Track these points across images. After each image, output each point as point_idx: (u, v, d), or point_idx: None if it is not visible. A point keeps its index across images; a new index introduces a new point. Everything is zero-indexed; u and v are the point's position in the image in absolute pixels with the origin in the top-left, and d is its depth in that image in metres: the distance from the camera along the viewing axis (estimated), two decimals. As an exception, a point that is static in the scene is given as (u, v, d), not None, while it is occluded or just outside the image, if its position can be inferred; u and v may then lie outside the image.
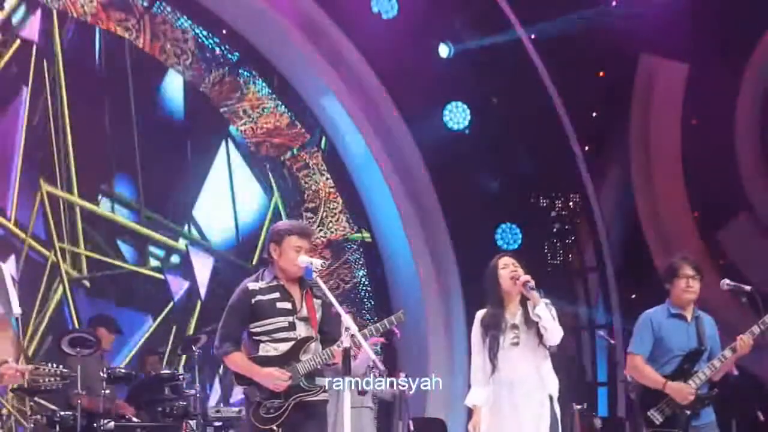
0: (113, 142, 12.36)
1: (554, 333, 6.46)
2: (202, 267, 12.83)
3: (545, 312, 6.45)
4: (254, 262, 12.70)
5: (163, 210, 12.61)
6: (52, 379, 5.83)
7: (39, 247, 11.83)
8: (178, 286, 12.67)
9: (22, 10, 11.96)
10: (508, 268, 6.58)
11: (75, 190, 12.03)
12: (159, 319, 12.37)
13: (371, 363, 8.97)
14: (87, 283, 12.02)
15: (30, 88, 11.89)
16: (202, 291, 12.73)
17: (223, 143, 13.31)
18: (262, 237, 12.75)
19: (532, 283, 6.47)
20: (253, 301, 6.29)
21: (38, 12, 12.01)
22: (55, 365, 5.92)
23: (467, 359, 10.13)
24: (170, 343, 11.99)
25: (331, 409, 6.71)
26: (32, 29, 12.01)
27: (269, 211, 13.40)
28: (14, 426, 11.01)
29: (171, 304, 12.50)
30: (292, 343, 6.25)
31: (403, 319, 6.60)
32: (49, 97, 11.95)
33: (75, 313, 11.89)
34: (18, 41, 11.87)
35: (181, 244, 12.71)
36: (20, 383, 5.90)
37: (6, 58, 11.77)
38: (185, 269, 12.73)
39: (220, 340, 6.35)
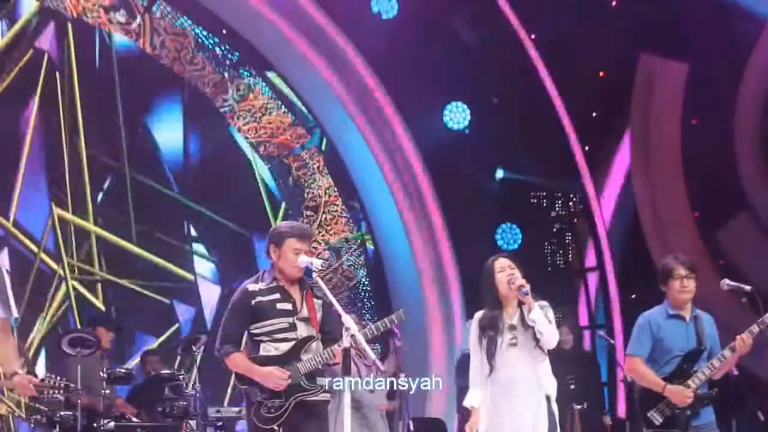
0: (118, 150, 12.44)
1: (550, 337, 6.45)
2: (210, 297, 12.87)
3: (540, 316, 6.44)
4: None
5: (163, 213, 12.66)
6: (56, 391, 5.96)
7: (48, 260, 11.92)
8: (185, 314, 12.73)
9: (34, 19, 12.04)
10: (504, 272, 6.56)
11: (90, 217, 12.19)
12: (162, 338, 12.42)
13: (371, 363, 9.00)
14: (102, 306, 12.11)
15: (39, 98, 11.98)
16: (209, 322, 12.75)
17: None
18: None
19: (527, 288, 6.45)
20: (253, 302, 6.27)
21: (51, 23, 12.15)
22: (58, 378, 6.04)
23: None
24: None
25: (333, 409, 6.70)
26: (44, 38, 12.09)
27: (269, 211, 13.43)
28: (14, 425, 11.01)
29: (176, 325, 12.53)
30: (293, 343, 6.24)
31: (404, 318, 6.58)
32: (61, 107, 12.03)
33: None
34: (30, 51, 11.97)
35: (190, 274, 12.75)
36: (32, 394, 6.00)
37: (17, 67, 11.89)
38: (193, 298, 12.79)
39: (220, 341, 6.34)
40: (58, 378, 6.18)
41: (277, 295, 6.28)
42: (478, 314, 6.67)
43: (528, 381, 6.45)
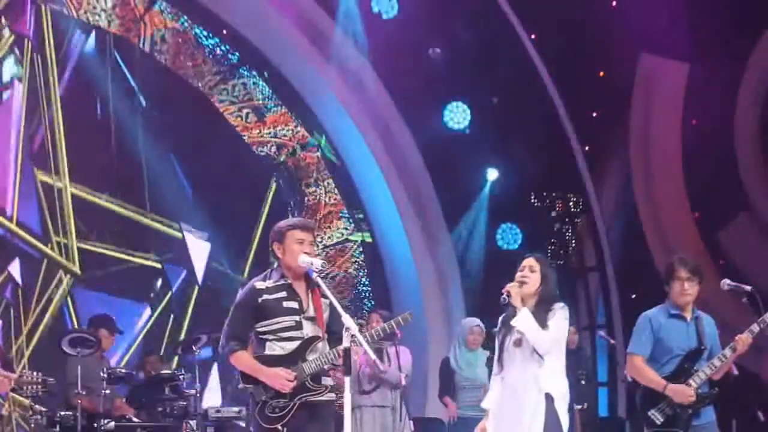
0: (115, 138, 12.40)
1: (537, 343, 6.45)
2: (199, 253, 12.83)
3: (523, 323, 6.46)
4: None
5: (162, 206, 12.66)
6: (34, 386, 5.91)
7: (35, 242, 11.86)
8: (176, 276, 12.71)
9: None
10: (522, 272, 6.59)
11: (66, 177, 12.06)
12: (159, 309, 12.40)
13: (371, 362, 9.00)
14: (78, 271, 12.04)
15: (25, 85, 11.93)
16: (199, 276, 12.74)
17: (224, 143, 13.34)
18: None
19: (504, 296, 6.50)
20: (259, 300, 6.26)
21: (28, 6, 12.03)
22: (37, 373, 6.02)
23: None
24: (167, 333, 12.01)
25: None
26: (24, 23, 12.03)
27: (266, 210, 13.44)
28: (15, 426, 11.01)
29: (169, 294, 12.53)
30: (299, 342, 6.23)
31: (410, 320, 6.57)
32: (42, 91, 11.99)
33: (73, 308, 11.94)
34: (10, 35, 11.91)
35: (178, 233, 12.73)
36: (7, 389, 5.98)
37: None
38: (182, 257, 12.76)
39: (226, 338, 6.32)
40: (35, 373, 6.15)
41: (283, 293, 6.27)
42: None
43: (528, 381, 6.46)
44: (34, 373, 6.14)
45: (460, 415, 9.87)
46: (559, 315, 6.51)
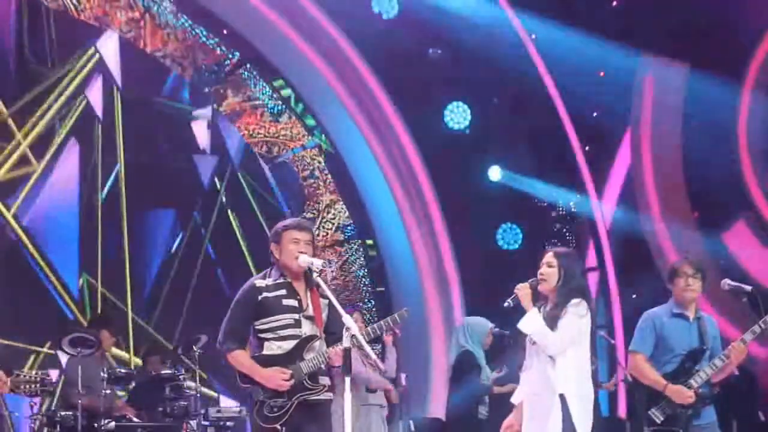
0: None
1: (543, 346, 6.40)
2: None
3: (528, 326, 6.40)
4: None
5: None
6: (32, 385, 5.91)
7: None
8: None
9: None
10: (541, 268, 6.51)
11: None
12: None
13: (372, 362, 9.00)
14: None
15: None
16: None
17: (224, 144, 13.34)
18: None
19: (508, 301, 6.46)
20: (259, 297, 6.27)
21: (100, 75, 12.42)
22: (35, 372, 6.02)
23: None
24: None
25: (336, 408, 6.67)
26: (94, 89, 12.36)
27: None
28: (13, 426, 11.01)
29: None
30: (296, 341, 6.24)
31: (407, 317, 6.57)
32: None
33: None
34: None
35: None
36: (4, 391, 5.97)
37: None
38: None
39: (224, 335, 6.33)
40: (35, 372, 6.16)
41: (283, 291, 6.28)
42: None
43: (543, 381, 6.40)
44: (32, 373, 6.13)
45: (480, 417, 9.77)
46: (571, 313, 6.40)
